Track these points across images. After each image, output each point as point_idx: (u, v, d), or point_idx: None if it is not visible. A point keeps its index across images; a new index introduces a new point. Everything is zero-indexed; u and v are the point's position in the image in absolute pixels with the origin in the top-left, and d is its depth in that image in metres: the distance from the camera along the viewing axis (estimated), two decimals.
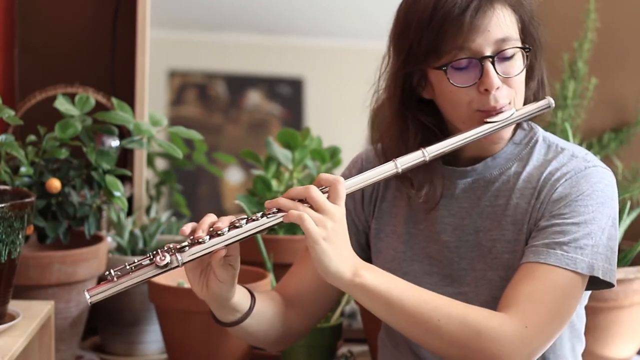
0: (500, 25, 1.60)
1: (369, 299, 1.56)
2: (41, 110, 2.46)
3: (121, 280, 1.51)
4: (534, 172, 1.67)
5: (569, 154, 1.68)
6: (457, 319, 1.55)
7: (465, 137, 1.63)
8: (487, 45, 1.60)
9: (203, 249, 1.53)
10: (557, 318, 1.59)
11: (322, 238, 1.51)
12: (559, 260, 1.58)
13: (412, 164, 1.61)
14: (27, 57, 2.64)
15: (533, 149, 1.70)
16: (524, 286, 1.58)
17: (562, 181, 1.63)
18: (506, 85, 1.62)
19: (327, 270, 1.53)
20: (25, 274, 2.04)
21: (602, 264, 1.60)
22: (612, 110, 2.57)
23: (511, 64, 1.62)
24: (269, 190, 2.30)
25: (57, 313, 2.08)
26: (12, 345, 1.71)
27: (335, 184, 1.55)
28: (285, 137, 2.35)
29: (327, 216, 1.52)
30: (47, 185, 2.08)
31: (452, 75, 1.61)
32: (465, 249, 1.69)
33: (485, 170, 1.70)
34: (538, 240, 1.61)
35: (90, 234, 2.15)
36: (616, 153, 2.55)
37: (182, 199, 2.60)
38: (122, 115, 2.16)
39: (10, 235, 1.72)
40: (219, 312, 1.67)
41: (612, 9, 2.53)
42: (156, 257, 1.51)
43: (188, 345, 2.11)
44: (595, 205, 1.61)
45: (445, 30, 1.58)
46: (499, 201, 1.68)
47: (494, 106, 1.61)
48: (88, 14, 2.64)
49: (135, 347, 2.34)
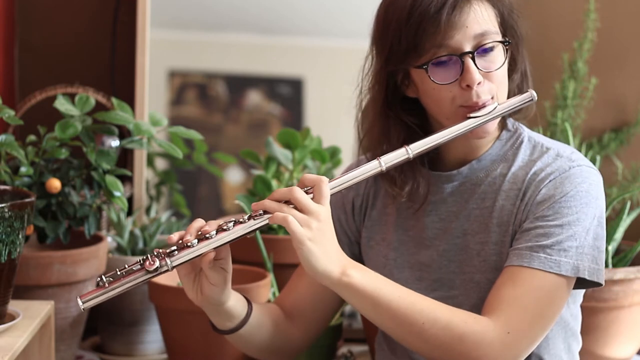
0: (478, 20, 1.61)
1: (356, 298, 1.57)
2: (41, 110, 2.46)
3: (113, 285, 1.54)
4: (519, 173, 1.67)
5: (554, 153, 1.67)
6: (441, 322, 1.56)
7: (449, 133, 1.62)
8: (466, 41, 1.60)
9: (191, 252, 1.55)
10: (540, 322, 1.59)
11: (308, 239, 1.53)
12: (542, 264, 1.58)
13: (396, 161, 1.61)
14: (27, 57, 2.64)
15: (518, 150, 1.70)
16: (507, 290, 1.58)
17: (546, 182, 1.63)
18: (487, 80, 1.62)
19: (314, 270, 1.54)
20: (25, 274, 2.04)
21: (587, 264, 1.60)
22: (612, 110, 2.57)
23: (491, 59, 1.62)
24: (269, 190, 2.30)
25: (57, 313, 2.08)
26: (12, 345, 1.71)
27: (319, 184, 1.56)
28: (285, 137, 2.35)
29: (312, 216, 1.53)
30: (47, 185, 2.08)
31: (433, 72, 1.61)
32: (454, 252, 1.69)
33: (471, 173, 1.70)
34: (521, 243, 1.60)
35: (90, 234, 2.15)
36: (616, 153, 2.54)
37: (182, 199, 2.60)
38: (122, 115, 2.16)
39: (10, 235, 1.72)
40: (216, 319, 1.68)
41: (612, 9, 2.53)
42: (146, 262, 1.53)
43: (188, 346, 2.11)
44: (579, 206, 1.61)
45: (423, 28, 1.59)
46: (486, 203, 1.68)
47: (476, 102, 1.61)
48: (88, 14, 2.64)
49: (135, 347, 2.34)
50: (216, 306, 1.64)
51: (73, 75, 2.57)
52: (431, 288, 1.69)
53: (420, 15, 1.59)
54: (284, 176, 2.39)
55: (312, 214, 1.54)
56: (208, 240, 1.55)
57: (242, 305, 1.69)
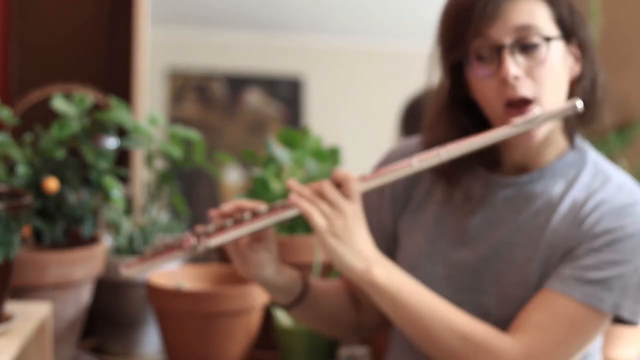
0: (520, 12, 1.59)
1: (377, 295, 1.59)
2: (38, 109, 2.45)
3: (153, 257, 1.63)
4: (579, 198, 1.64)
5: (615, 185, 1.64)
6: (459, 333, 1.56)
7: (486, 139, 1.59)
8: (506, 33, 1.59)
9: (224, 236, 1.60)
10: (565, 352, 1.58)
11: (330, 234, 1.56)
12: (584, 297, 1.56)
13: (429, 163, 1.60)
14: (24, 56, 2.63)
15: (580, 172, 1.66)
16: (539, 313, 1.57)
17: (607, 216, 1.60)
18: (530, 77, 1.59)
19: (338, 264, 1.57)
20: (22, 275, 2.03)
21: (629, 303, 1.58)
22: (616, 109, 2.57)
23: (535, 56, 1.59)
24: (268, 190, 2.29)
25: (55, 314, 2.07)
26: (9, 346, 1.70)
27: (346, 182, 1.59)
28: (285, 137, 2.34)
29: (337, 211, 1.56)
30: (45, 185, 2.07)
31: (474, 66, 1.61)
32: (495, 260, 1.66)
33: (529, 184, 1.67)
34: (568, 269, 1.58)
35: (88, 234, 2.14)
36: (620, 152, 2.54)
37: (181, 199, 2.59)
38: (121, 115, 2.15)
39: (6, 235, 1.71)
40: (269, 293, 1.72)
41: (616, 9, 2.53)
42: (184, 241, 1.61)
43: (186, 347, 2.10)
44: (634, 247, 1.58)
45: (462, 19, 1.59)
46: (539, 220, 1.64)
47: (513, 94, 1.58)
48: (86, 13, 2.64)
49: (133, 348, 2.33)
50: (264, 284, 1.69)
51: (71, 74, 2.57)
52: (462, 289, 1.67)
53: (465, 10, 1.60)
54: (284, 176, 2.38)
55: (338, 209, 1.57)
56: (242, 224, 1.60)
57: (296, 283, 1.72)
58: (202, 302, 2.07)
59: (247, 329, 2.11)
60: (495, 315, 1.62)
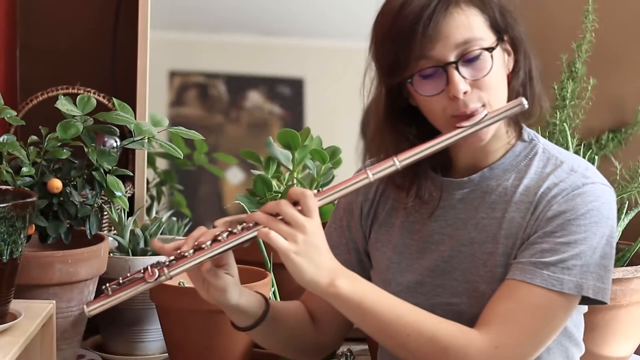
0: (459, 28, 1.58)
1: (344, 307, 1.58)
2: (43, 110, 2.46)
3: (116, 294, 1.61)
4: (532, 186, 1.64)
5: (567, 167, 1.65)
6: (426, 335, 1.56)
7: (437, 143, 1.60)
8: (449, 51, 1.57)
9: (186, 262, 1.59)
10: (533, 339, 1.58)
11: (292, 252, 1.53)
12: (544, 281, 1.56)
13: (385, 172, 1.60)
14: (29, 58, 2.64)
15: (532, 161, 1.67)
16: (503, 304, 1.58)
17: (558, 198, 1.60)
18: (476, 88, 1.59)
19: (302, 281, 1.55)
20: (26, 274, 2.04)
21: (592, 282, 1.58)
22: (610, 110, 2.57)
23: (478, 66, 1.59)
24: (269, 190, 2.30)
25: (59, 312, 2.08)
26: (13, 344, 1.71)
27: (302, 198, 1.56)
28: (285, 137, 2.35)
29: (298, 229, 1.54)
30: (49, 185, 2.08)
31: (420, 85, 1.60)
32: (459, 260, 1.67)
33: (482, 181, 1.68)
34: (525, 257, 1.59)
35: (91, 233, 2.15)
36: (614, 153, 2.55)
37: (183, 199, 2.60)
38: (123, 116, 2.16)
39: (12, 235, 1.72)
40: (231, 317, 1.71)
41: (611, 10, 2.53)
42: (145, 273, 1.59)
43: (189, 345, 2.11)
44: (588, 225, 1.58)
45: (403, 42, 1.57)
46: (496, 214, 1.65)
47: (464, 111, 1.58)
48: (89, 16, 2.65)
49: (136, 346, 2.34)
50: (227, 307, 1.67)
51: (74, 76, 2.58)
52: (433, 293, 1.67)
53: (400, 30, 1.57)
54: (284, 176, 2.39)
55: (299, 227, 1.54)
56: (202, 250, 1.59)
57: (258, 305, 1.70)
58: (204, 299, 2.07)
59: None
60: (469, 313, 1.62)
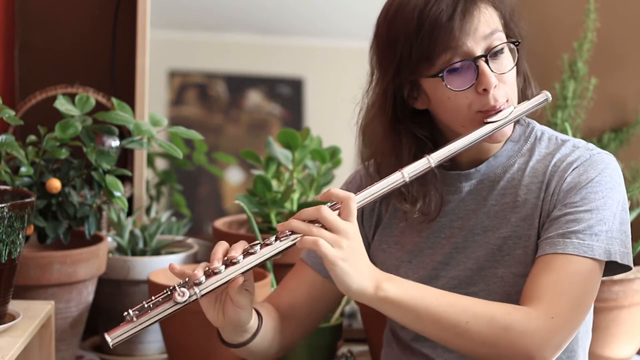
0: (486, 21, 1.60)
1: (395, 310, 1.56)
2: (41, 110, 2.46)
3: (141, 319, 1.53)
4: (539, 166, 1.67)
5: (570, 145, 1.69)
6: (484, 317, 1.56)
7: (469, 140, 1.62)
8: (478, 45, 1.60)
9: (220, 279, 1.54)
10: (580, 306, 1.60)
11: (340, 259, 1.51)
12: (576, 249, 1.58)
13: (419, 171, 1.61)
14: (27, 58, 2.64)
15: (534, 144, 1.70)
16: (545, 278, 1.58)
17: (570, 170, 1.64)
18: (502, 83, 1.62)
19: (349, 289, 1.53)
20: (25, 274, 2.05)
21: (618, 248, 1.61)
22: (611, 110, 2.58)
23: (502, 61, 1.62)
24: (269, 190, 2.30)
25: (57, 313, 2.08)
26: (12, 345, 1.71)
27: (347, 201, 1.55)
28: (285, 137, 2.35)
29: (342, 235, 1.52)
30: (47, 185, 2.08)
31: (449, 80, 1.60)
32: (473, 249, 1.68)
33: (488, 170, 1.70)
34: (552, 232, 1.61)
35: (90, 234, 2.15)
36: (616, 153, 2.54)
37: (182, 199, 2.60)
38: (122, 116, 2.16)
39: (10, 235, 1.72)
40: (228, 335, 1.68)
41: (612, 9, 2.53)
42: (174, 293, 1.53)
43: (188, 345, 2.11)
44: (605, 191, 1.62)
45: (436, 37, 1.58)
46: (506, 199, 1.68)
47: (493, 105, 1.61)
48: (88, 15, 2.64)
49: (135, 347, 2.34)
50: (237, 327, 1.64)
51: (73, 75, 2.57)
52: (449, 286, 1.67)
53: (431, 25, 1.58)
54: (284, 176, 2.39)
55: (342, 232, 1.52)
56: (235, 265, 1.54)
57: (255, 320, 1.68)
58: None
59: None
60: (490, 300, 1.62)
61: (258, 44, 2.67)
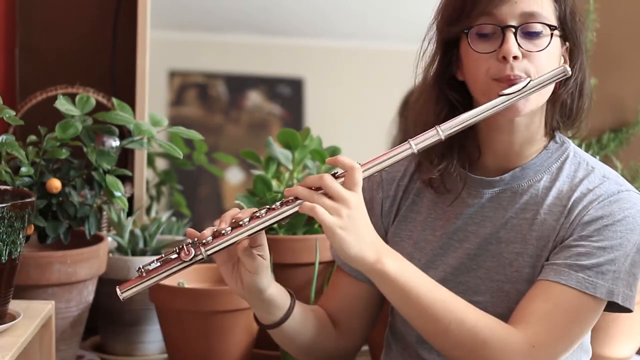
0: (534, 2, 1.61)
1: (388, 286, 1.56)
2: (42, 110, 2.46)
3: (150, 275, 1.57)
4: (564, 190, 1.66)
5: (600, 174, 1.66)
6: (468, 324, 1.56)
7: (479, 112, 1.60)
8: (512, 16, 1.60)
9: (225, 240, 1.56)
10: (566, 340, 1.59)
11: (338, 227, 1.52)
12: (579, 284, 1.58)
13: (428, 142, 1.59)
14: (28, 58, 2.64)
15: (563, 164, 1.68)
16: (540, 304, 1.58)
17: (595, 204, 1.62)
18: (527, 60, 1.60)
19: (348, 256, 1.54)
20: (25, 274, 2.05)
21: (622, 289, 1.60)
22: (611, 110, 2.58)
23: (536, 42, 1.61)
24: (269, 190, 2.30)
25: (58, 313, 2.08)
26: (12, 345, 1.71)
27: (351, 171, 1.55)
28: (285, 137, 2.35)
29: (342, 204, 1.53)
30: (48, 185, 2.08)
31: (474, 41, 1.62)
32: (484, 258, 1.68)
33: (513, 181, 1.68)
34: (560, 259, 1.60)
35: (90, 234, 2.15)
36: (615, 153, 2.55)
37: (183, 199, 2.60)
38: (123, 116, 2.16)
39: (10, 235, 1.72)
40: (259, 312, 1.68)
41: (611, 9, 2.53)
42: (181, 252, 1.56)
43: (188, 345, 2.11)
44: (624, 232, 1.60)
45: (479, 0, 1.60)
46: (526, 214, 1.66)
47: (508, 74, 1.60)
48: (89, 15, 2.65)
49: (135, 347, 2.34)
50: (257, 295, 1.64)
51: (74, 75, 2.58)
52: (455, 291, 1.65)
53: None
54: (284, 176, 2.39)
55: (343, 201, 1.53)
56: (241, 227, 1.56)
57: (285, 297, 1.68)
58: (203, 300, 2.07)
59: (247, 328, 2.11)
60: (492, 313, 1.62)
61: (258, 44, 2.67)
